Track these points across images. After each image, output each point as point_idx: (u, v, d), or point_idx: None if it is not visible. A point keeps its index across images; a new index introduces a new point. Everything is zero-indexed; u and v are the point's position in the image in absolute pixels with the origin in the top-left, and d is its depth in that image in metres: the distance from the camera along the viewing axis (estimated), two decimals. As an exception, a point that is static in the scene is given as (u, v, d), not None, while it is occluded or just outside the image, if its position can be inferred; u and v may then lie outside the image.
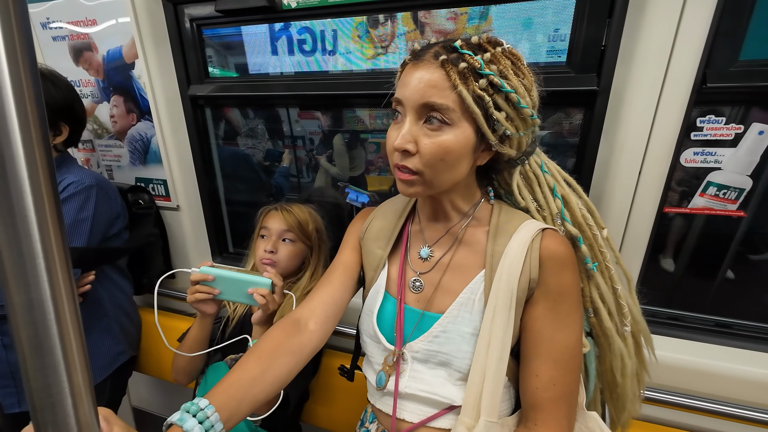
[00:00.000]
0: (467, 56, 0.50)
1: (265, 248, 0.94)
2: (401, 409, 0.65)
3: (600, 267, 0.62)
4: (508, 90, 0.51)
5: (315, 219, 1.01)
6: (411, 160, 0.54)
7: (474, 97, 0.50)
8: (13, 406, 1.00)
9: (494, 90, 0.51)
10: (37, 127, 0.27)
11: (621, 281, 0.64)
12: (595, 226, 0.62)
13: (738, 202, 0.84)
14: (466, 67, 0.50)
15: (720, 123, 0.80)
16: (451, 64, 0.50)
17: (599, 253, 0.62)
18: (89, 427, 0.33)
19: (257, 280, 0.81)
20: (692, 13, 0.70)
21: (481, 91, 0.50)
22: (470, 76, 0.50)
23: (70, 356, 0.30)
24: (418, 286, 0.65)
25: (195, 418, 0.48)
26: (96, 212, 0.97)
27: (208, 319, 0.88)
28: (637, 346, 0.68)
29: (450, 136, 0.52)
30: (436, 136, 0.52)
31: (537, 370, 0.57)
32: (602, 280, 0.62)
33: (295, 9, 0.99)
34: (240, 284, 0.81)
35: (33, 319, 0.29)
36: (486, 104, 0.51)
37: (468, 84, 0.50)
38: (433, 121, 0.52)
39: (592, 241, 0.62)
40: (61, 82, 0.98)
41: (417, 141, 0.53)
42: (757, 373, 0.84)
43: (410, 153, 0.54)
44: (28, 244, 0.28)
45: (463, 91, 0.49)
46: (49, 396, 0.30)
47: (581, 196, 0.64)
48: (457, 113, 0.51)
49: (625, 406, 0.68)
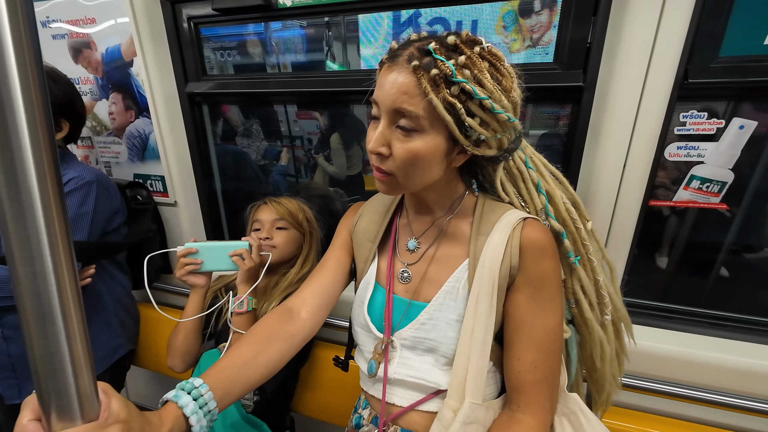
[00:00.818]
0: (439, 62, 0.49)
1: (260, 237, 0.97)
2: (391, 394, 0.67)
3: (582, 260, 0.64)
4: (482, 97, 0.49)
5: (304, 209, 1.03)
6: (385, 163, 0.55)
7: (445, 104, 0.49)
8: (14, 397, 1.02)
9: (467, 96, 0.50)
10: (42, 118, 0.29)
11: (604, 272, 0.66)
12: (579, 220, 0.63)
13: (720, 195, 0.86)
14: (437, 74, 0.49)
15: (702, 118, 0.82)
16: (422, 71, 0.49)
17: (582, 247, 0.63)
18: (88, 395, 0.35)
19: (235, 244, 0.89)
20: (672, 10, 0.73)
21: (452, 99, 0.49)
22: (442, 83, 0.49)
23: (70, 326, 0.32)
24: (406, 277, 0.67)
25: (190, 395, 0.50)
26: (96, 207, 0.99)
27: (200, 291, 0.93)
28: (617, 333, 0.71)
29: (420, 143, 0.52)
30: (407, 141, 0.53)
31: (519, 354, 0.59)
32: (584, 274, 0.64)
33: (290, 8, 1.01)
34: (221, 251, 0.89)
35: (36, 290, 0.31)
36: (458, 111, 0.50)
37: (439, 91, 0.49)
38: (406, 130, 0.52)
39: (575, 235, 0.63)
40: (62, 79, 1.00)
41: (390, 144, 0.54)
42: (745, 362, 0.86)
43: (384, 156, 0.55)
44: (32, 220, 0.30)
45: (434, 99, 0.49)
46: (51, 363, 0.32)
47: (567, 189, 0.65)
48: (427, 120, 0.51)
49: (605, 387, 0.72)
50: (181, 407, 0.48)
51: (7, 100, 0.27)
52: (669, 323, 0.96)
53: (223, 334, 0.97)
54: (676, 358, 0.90)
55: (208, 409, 0.51)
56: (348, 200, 1.37)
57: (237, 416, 0.88)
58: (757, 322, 0.92)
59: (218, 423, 0.88)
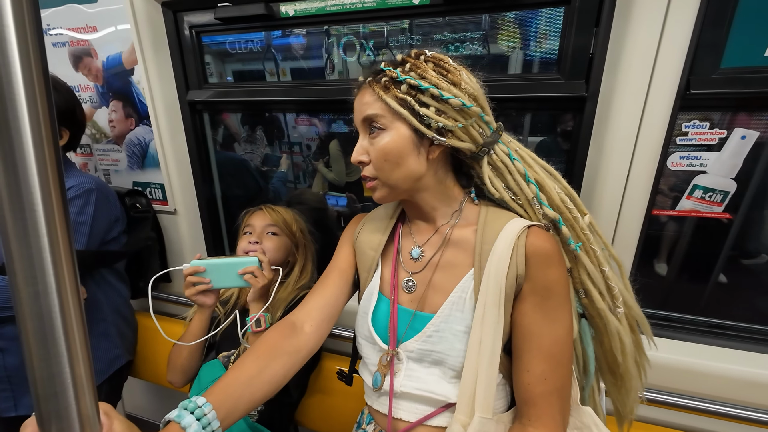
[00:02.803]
0: (387, 71, 0.59)
1: (249, 241, 0.96)
2: (397, 408, 0.65)
3: (584, 247, 0.62)
4: (427, 86, 0.56)
5: (298, 221, 1.03)
6: (368, 169, 0.62)
7: (397, 100, 0.57)
8: (10, 410, 1.00)
9: (417, 90, 0.57)
10: (47, 128, 0.29)
11: (609, 264, 0.64)
12: (575, 209, 0.62)
13: (723, 204, 0.86)
14: (386, 80, 0.58)
15: (705, 128, 0.82)
16: (375, 82, 0.60)
17: (582, 234, 0.62)
18: (90, 418, 0.34)
19: (244, 260, 0.86)
20: (674, 22, 0.73)
21: (403, 95, 0.57)
22: (391, 85, 0.58)
23: (72, 347, 0.31)
24: (411, 286, 0.67)
25: (193, 414, 0.49)
26: (95, 215, 0.98)
27: (207, 311, 0.91)
28: (632, 330, 0.67)
29: (386, 138, 0.59)
30: (377, 141, 0.60)
31: (528, 366, 0.58)
32: (588, 261, 0.62)
33: (292, 17, 1.01)
34: (229, 268, 0.86)
35: (39, 310, 0.30)
36: (410, 104, 0.57)
37: (390, 91, 0.58)
38: (373, 130, 0.60)
39: (572, 222, 0.62)
40: (63, 87, 0.99)
41: (368, 151, 0.61)
42: (747, 372, 0.86)
43: (365, 163, 0.62)
44: (36, 239, 0.29)
45: (386, 98, 0.58)
46: (53, 386, 0.31)
47: (560, 181, 0.65)
48: (387, 118, 0.59)
49: (630, 387, 0.67)
50: (183, 428, 0.47)
51: (13, 118, 0.27)
52: (669, 332, 0.96)
53: (223, 344, 0.95)
54: (677, 368, 0.90)
55: (212, 429, 0.50)
56: (360, 204, 1.38)
57: (243, 425, 0.87)
58: (758, 330, 0.92)
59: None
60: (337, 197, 1.39)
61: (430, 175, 0.62)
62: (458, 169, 0.68)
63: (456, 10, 0.90)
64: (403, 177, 0.60)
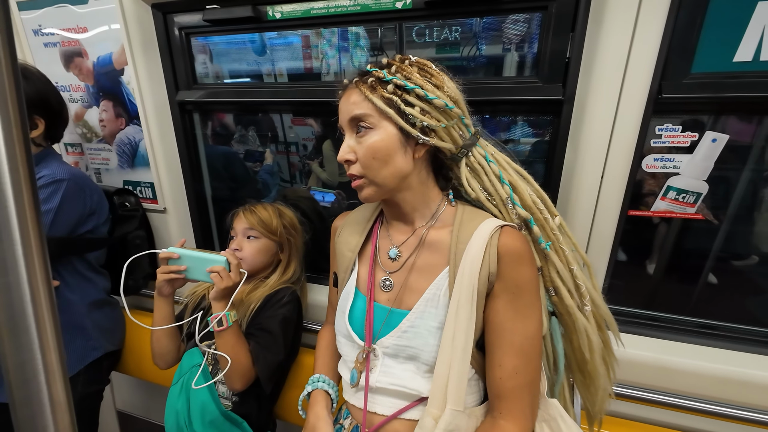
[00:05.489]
0: (374, 72, 0.61)
1: (232, 247, 0.98)
2: (373, 402, 0.67)
3: (554, 246, 0.65)
4: (413, 86, 0.59)
5: (282, 215, 1.03)
6: (354, 167, 0.64)
7: (384, 100, 0.60)
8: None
9: (403, 91, 0.60)
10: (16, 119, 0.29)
11: (578, 263, 0.66)
12: (546, 210, 0.65)
13: (696, 205, 0.88)
14: (373, 80, 0.61)
15: (677, 131, 0.85)
16: (362, 82, 0.62)
17: (552, 234, 0.65)
18: (61, 404, 0.36)
19: (214, 258, 0.87)
20: (645, 28, 0.75)
21: (389, 95, 0.60)
22: (378, 86, 0.61)
23: (44, 336, 0.33)
24: (388, 285, 0.69)
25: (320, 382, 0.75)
26: (62, 206, 0.97)
27: (166, 299, 0.94)
28: (600, 329, 0.69)
29: (375, 137, 0.61)
30: (365, 140, 0.62)
31: (500, 361, 0.60)
32: (557, 259, 0.64)
33: (279, 20, 1.03)
34: (200, 263, 0.87)
35: (10, 301, 0.31)
36: (396, 103, 0.59)
37: (376, 91, 0.60)
38: (361, 129, 0.62)
39: (543, 222, 0.65)
40: (34, 74, 0.97)
41: (355, 150, 0.63)
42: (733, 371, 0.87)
43: (352, 161, 0.63)
44: (7, 231, 0.31)
45: (373, 98, 0.60)
46: (24, 373, 0.33)
47: (531, 184, 0.67)
48: (375, 117, 0.61)
49: (599, 385, 0.69)
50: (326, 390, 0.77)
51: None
52: (653, 331, 0.97)
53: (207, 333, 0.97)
54: (659, 366, 0.92)
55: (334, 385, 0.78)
56: (348, 202, 1.40)
57: (216, 413, 0.88)
58: (743, 330, 0.94)
59: (197, 421, 0.88)
60: (324, 193, 1.41)
61: (415, 175, 0.65)
62: (438, 171, 0.71)
63: (437, 15, 0.91)
64: (390, 175, 0.62)
